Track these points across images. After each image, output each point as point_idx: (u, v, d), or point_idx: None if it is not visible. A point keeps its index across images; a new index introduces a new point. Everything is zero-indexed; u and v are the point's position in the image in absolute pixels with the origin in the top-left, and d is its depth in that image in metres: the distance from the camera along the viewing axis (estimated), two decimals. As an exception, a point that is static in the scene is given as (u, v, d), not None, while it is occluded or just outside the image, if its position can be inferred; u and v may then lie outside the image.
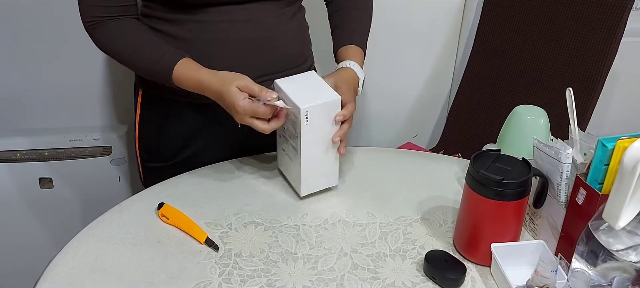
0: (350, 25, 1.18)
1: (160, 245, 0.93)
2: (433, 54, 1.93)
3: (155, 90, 1.12)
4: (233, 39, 1.06)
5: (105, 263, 0.88)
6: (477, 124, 1.82)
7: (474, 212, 0.90)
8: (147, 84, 1.14)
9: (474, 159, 0.89)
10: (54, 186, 1.68)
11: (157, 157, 1.19)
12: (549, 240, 0.91)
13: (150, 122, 1.17)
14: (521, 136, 1.04)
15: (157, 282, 0.85)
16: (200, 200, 1.04)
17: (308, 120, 0.95)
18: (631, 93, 1.95)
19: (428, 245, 0.95)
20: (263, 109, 0.95)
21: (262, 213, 1.01)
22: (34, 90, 1.69)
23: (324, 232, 0.97)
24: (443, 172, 1.16)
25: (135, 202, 1.03)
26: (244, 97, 0.94)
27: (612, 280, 0.73)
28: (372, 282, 0.87)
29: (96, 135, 1.68)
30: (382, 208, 1.04)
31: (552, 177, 0.88)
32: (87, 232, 0.95)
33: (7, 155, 1.62)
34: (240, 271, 0.88)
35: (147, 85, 1.14)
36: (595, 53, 1.59)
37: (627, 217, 0.72)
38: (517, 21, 1.74)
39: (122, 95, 1.74)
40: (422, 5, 1.83)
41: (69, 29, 1.62)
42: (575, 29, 1.63)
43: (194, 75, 0.99)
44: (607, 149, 0.78)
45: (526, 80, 1.73)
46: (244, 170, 1.13)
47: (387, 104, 1.97)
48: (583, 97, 1.60)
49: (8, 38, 1.60)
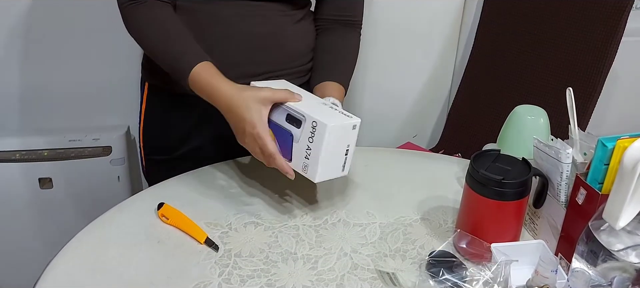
0: (335, 65, 1.14)
1: (160, 245, 0.92)
2: (433, 54, 1.93)
3: (161, 83, 1.13)
4: (241, 33, 1.07)
5: (105, 263, 0.88)
6: (477, 124, 1.82)
7: (474, 212, 0.90)
8: (153, 77, 1.15)
9: (474, 159, 0.89)
10: (54, 186, 1.67)
11: (160, 149, 1.20)
12: (549, 240, 0.91)
13: (154, 115, 1.18)
14: (521, 136, 1.04)
15: (157, 282, 0.85)
16: (200, 200, 1.04)
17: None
18: (631, 93, 1.95)
19: (428, 245, 0.95)
20: (272, 147, 0.89)
21: (262, 213, 1.01)
22: (33, 90, 1.69)
23: (324, 232, 0.97)
24: (443, 172, 1.16)
25: (135, 202, 1.03)
26: (265, 119, 0.89)
27: (612, 280, 0.73)
28: (372, 282, 0.87)
29: (96, 135, 1.68)
30: (382, 208, 1.04)
31: (552, 176, 0.88)
32: (87, 232, 0.95)
33: (7, 155, 1.62)
34: (240, 271, 0.88)
35: (153, 78, 1.16)
36: (595, 53, 1.59)
37: (627, 217, 0.72)
38: (517, 21, 1.74)
39: (122, 95, 1.74)
40: (422, 5, 1.83)
41: (69, 29, 1.62)
42: (575, 29, 1.63)
43: (210, 81, 0.95)
44: (607, 149, 0.78)
45: (526, 80, 1.73)
46: (244, 170, 1.14)
47: (387, 104, 1.97)
48: (583, 97, 1.60)
49: (8, 38, 1.60)
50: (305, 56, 1.18)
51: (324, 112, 0.91)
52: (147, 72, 1.17)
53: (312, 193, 1.06)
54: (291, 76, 1.17)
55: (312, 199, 1.05)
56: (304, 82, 1.21)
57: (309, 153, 0.89)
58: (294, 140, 0.91)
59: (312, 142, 0.89)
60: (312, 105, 0.93)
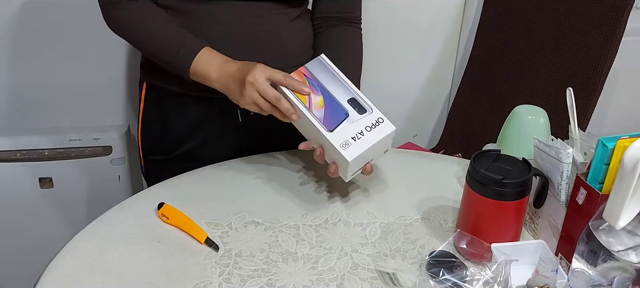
0: (339, 58, 1.12)
1: (160, 245, 0.92)
2: (433, 54, 1.93)
3: (160, 83, 1.13)
4: (237, 33, 1.07)
5: (105, 263, 0.88)
6: (477, 124, 1.82)
7: (474, 212, 0.90)
8: (151, 77, 1.15)
9: (474, 159, 0.89)
10: (54, 186, 1.67)
11: (159, 149, 1.20)
12: (549, 240, 0.91)
13: (153, 115, 1.18)
14: (521, 136, 1.04)
15: (157, 282, 0.85)
16: (200, 200, 1.04)
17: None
18: (631, 93, 1.95)
19: (428, 245, 0.95)
20: (272, 93, 0.94)
21: (262, 213, 1.01)
22: (34, 90, 1.69)
23: (324, 232, 0.97)
24: (443, 172, 1.16)
25: (135, 202, 1.03)
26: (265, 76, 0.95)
27: (613, 280, 0.73)
28: (372, 281, 0.87)
29: (96, 135, 1.68)
30: (382, 208, 1.04)
31: (552, 176, 0.88)
32: (87, 232, 0.95)
33: (7, 155, 1.62)
34: (240, 271, 0.88)
35: (151, 78, 1.15)
36: (595, 53, 1.59)
37: (628, 216, 0.72)
38: (517, 21, 1.74)
39: (123, 95, 1.74)
40: (422, 5, 1.83)
41: (69, 29, 1.62)
42: (575, 29, 1.63)
43: (213, 62, 0.99)
44: (608, 149, 0.78)
45: (526, 80, 1.73)
46: (244, 170, 1.13)
47: (387, 104, 1.97)
48: (583, 97, 1.60)
49: (8, 38, 1.60)
50: (302, 55, 1.18)
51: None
52: (145, 72, 1.17)
53: (313, 193, 1.06)
54: None
55: (312, 199, 1.05)
56: None
57: (359, 137, 0.95)
58: (348, 120, 0.96)
59: (369, 132, 0.95)
60: (365, 98, 1.00)
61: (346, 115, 0.96)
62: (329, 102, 0.97)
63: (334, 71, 1.00)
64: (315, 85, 0.98)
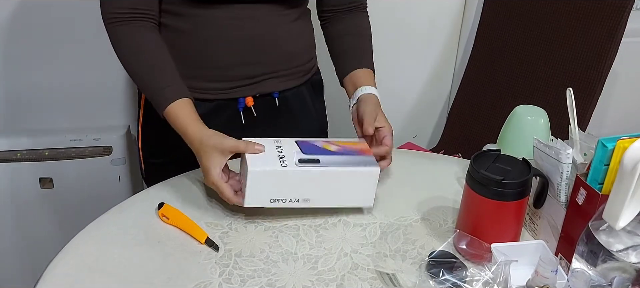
0: (357, 49, 1.18)
1: (160, 245, 0.92)
2: (433, 54, 1.93)
3: None
4: (236, 36, 1.07)
5: (105, 263, 0.88)
6: (477, 124, 1.82)
7: (474, 212, 0.90)
8: None
9: (474, 159, 0.89)
10: (54, 186, 1.67)
11: (159, 153, 1.20)
12: (549, 240, 0.91)
13: (153, 119, 1.18)
14: (521, 136, 1.04)
15: (157, 282, 0.85)
16: (200, 200, 1.04)
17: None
18: (631, 93, 1.95)
19: (428, 245, 0.95)
20: (228, 192, 0.94)
21: (262, 213, 1.01)
22: (34, 90, 1.69)
23: (324, 232, 0.97)
24: (443, 172, 1.16)
25: (135, 202, 1.03)
26: (220, 169, 0.94)
27: (612, 280, 0.73)
28: (372, 282, 0.87)
29: (96, 135, 1.68)
30: (382, 208, 1.04)
31: (552, 177, 0.88)
32: (87, 232, 0.95)
33: (7, 155, 1.62)
34: (240, 271, 0.88)
35: None
36: (595, 53, 1.59)
37: (627, 217, 0.72)
38: (517, 21, 1.74)
39: (122, 95, 1.74)
40: (422, 5, 1.83)
41: (69, 29, 1.62)
42: (575, 29, 1.63)
43: (183, 122, 0.99)
44: (607, 149, 0.78)
45: (526, 80, 1.73)
46: (244, 170, 1.13)
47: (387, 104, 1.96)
48: (583, 97, 1.60)
49: (8, 38, 1.60)
50: (302, 56, 1.18)
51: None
52: None
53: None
54: (289, 77, 1.17)
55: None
56: (303, 82, 1.21)
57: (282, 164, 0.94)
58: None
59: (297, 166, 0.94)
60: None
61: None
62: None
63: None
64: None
